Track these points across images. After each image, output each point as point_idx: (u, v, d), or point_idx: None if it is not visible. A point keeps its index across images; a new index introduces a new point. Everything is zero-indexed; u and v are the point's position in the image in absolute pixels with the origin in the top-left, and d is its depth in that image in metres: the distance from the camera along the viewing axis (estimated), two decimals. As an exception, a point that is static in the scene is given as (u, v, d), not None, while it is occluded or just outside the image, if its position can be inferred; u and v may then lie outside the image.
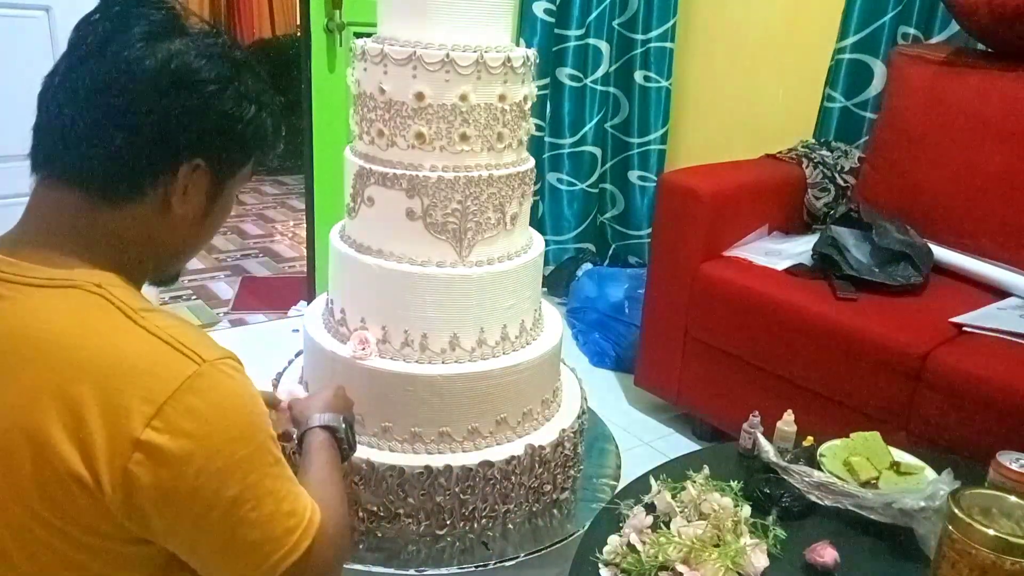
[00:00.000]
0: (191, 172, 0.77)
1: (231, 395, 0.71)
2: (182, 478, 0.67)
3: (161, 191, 0.76)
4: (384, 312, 1.49)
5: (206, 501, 0.69)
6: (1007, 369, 1.49)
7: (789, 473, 1.23)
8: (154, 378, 0.67)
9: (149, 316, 0.71)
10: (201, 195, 0.79)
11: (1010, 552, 0.87)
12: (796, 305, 1.80)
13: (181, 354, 0.69)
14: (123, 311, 0.71)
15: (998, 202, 1.91)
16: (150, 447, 0.66)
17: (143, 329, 0.70)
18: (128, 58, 0.73)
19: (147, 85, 0.73)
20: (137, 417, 0.65)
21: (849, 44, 2.35)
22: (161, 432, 0.66)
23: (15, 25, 1.92)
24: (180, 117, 0.74)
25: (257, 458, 0.72)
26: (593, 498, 1.61)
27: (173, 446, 0.66)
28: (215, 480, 0.69)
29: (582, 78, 3.01)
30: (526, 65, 1.46)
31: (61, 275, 0.72)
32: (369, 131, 1.47)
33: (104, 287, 0.72)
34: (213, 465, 0.68)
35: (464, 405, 1.48)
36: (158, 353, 0.69)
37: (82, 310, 0.70)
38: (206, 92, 0.75)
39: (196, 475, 0.67)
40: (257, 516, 0.72)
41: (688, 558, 1.03)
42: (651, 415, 2.30)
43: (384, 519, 1.45)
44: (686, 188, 2.03)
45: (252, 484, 0.71)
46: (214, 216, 0.83)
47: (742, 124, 2.82)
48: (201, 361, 0.69)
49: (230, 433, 0.69)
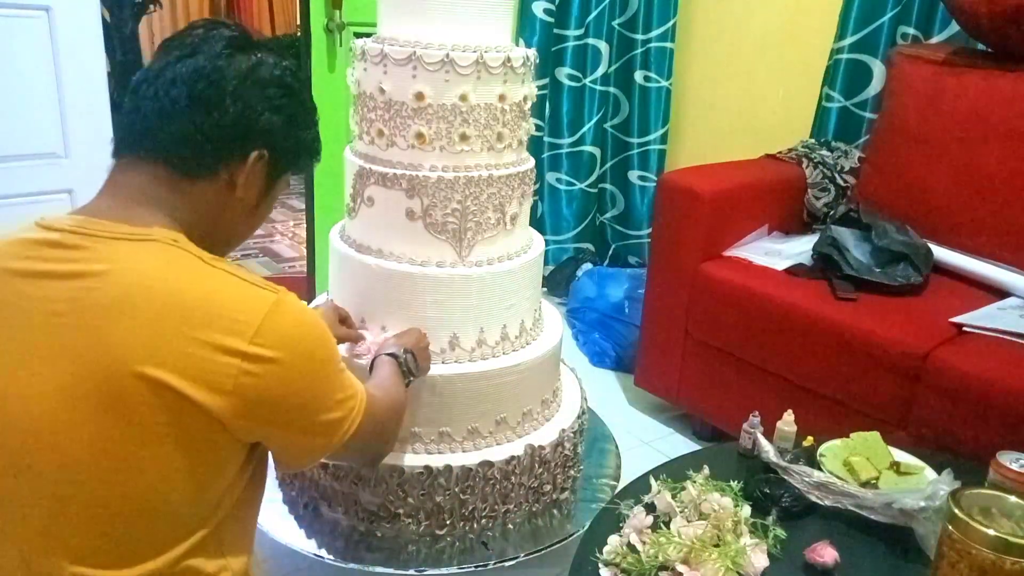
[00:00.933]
0: (258, 160, 0.89)
1: (305, 315, 0.87)
2: (283, 377, 0.83)
3: (230, 173, 0.89)
4: (384, 312, 1.49)
5: (301, 393, 0.86)
6: (1007, 369, 1.49)
7: (789, 473, 1.23)
8: (247, 308, 0.81)
9: (220, 263, 0.84)
10: (259, 185, 0.92)
11: (1010, 552, 0.87)
12: (796, 305, 1.80)
13: (260, 288, 0.83)
14: (201, 258, 0.83)
15: (998, 202, 1.91)
16: (256, 356, 0.79)
17: (222, 271, 0.83)
18: (218, 57, 0.87)
19: (234, 80, 0.87)
20: (241, 338, 0.79)
21: (848, 44, 2.35)
22: (262, 346, 0.80)
23: (15, 25, 1.92)
24: (258, 110, 0.88)
25: (331, 359, 0.91)
26: (593, 498, 1.61)
27: (273, 354, 0.81)
28: (307, 377, 0.86)
29: (581, 78, 3.01)
30: (526, 65, 1.46)
31: (140, 231, 0.82)
32: (369, 131, 1.47)
33: (179, 241, 0.84)
34: (304, 365, 0.85)
35: (464, 405, 1.48)
36: (242, 289, 0.83)
37: (167, 259, 0.81)
38: (278, 94, 0.90)
39: (292, 375, 0.84)
40: (334, 401, 0.92)
41: (688, 558, 1.03)
42: (651, 415, 2.30)
43: (384, 519, 1.45)
44: (686, 188, 2.03)
45: (330, 376, 0.91)
46: (263, 208, 0.96)
47: (742, 124, 2.82)
48: (275, 292, 0.84)
49: (311, 343, 0.87)
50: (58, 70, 1.98)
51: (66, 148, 2.03)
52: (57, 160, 2.03)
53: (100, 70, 2.06)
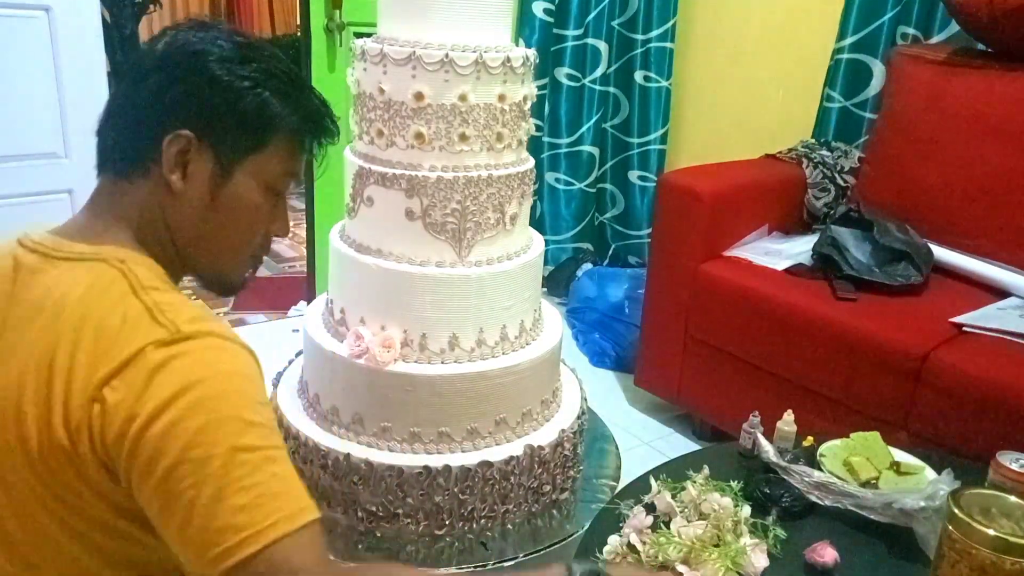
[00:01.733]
0: (184, 146, 0.78)
1: (198, 362, 0.68)
2: (128, 434, 0.66)
3: (161, 165, 0.78)
4: (383, 312, 1.49)
5: (146, 462, 0.66)
6: (1007, 369, 1.49)
7: (789, 473, 1.23)
8: (122, 339, 0.68)
9: (155, 293, 0.73)
10: (204, 176, 0.80)
11: (1010, 552, 0.87)
12: (796, 305, 1.80)
13: (156, 322, 0.69)
14: (131, 283, 0.73)
15: (998, 202, 1.90)
16: (105, 403, 0.66)
17: (139, 301, 0.71)
18: (144, 48, 0.81)
19: (145, 61, 0.80)
20: (99, 373, 0.67)
21: (848, 44, 2.34)
22: (116, 390, 0.66)
23: (15, 25, 1.92)
24: (165, 85, 0.77)
25: (211, 434, 0.66)
26: (593, 498, 1.61)
27: (123, 404, 0.66)
28: (155, 442, 0.66)
29: (580, 78, 3.00)
30: (525, 65, 1.46)
31: (91, 250, 0.76)
32: (369, 131, 1.47)
33: (127, 263, 0.75)
34: (155, 427, 0.65)
35: (463, 405, 1.48)
36: (136, 318, 0.70)
37: (94, 280, 0.73)
38: (196, 63, 0.78)
39: (138, 433, 0.66)
40: (196, 497, 0.65)
41: (688, 558, 1.03)
42: (651, 415, 2.30)
43: (383, 519, 1.45)
44: (686, 188, 2.03)
45: (195, 459, 0.65)
46: (226, 204, 0.81)
47: (742, 124, 2.81)
48: (176, 331, 0.69)
49: (182, 398, 0.66)
50: (58, 70, 1.98)
51: (66, 148, 2.03)
52: (57, 160, 2.03)
53: (100, 70, 2.06)
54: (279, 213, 0.88)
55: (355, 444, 1.48)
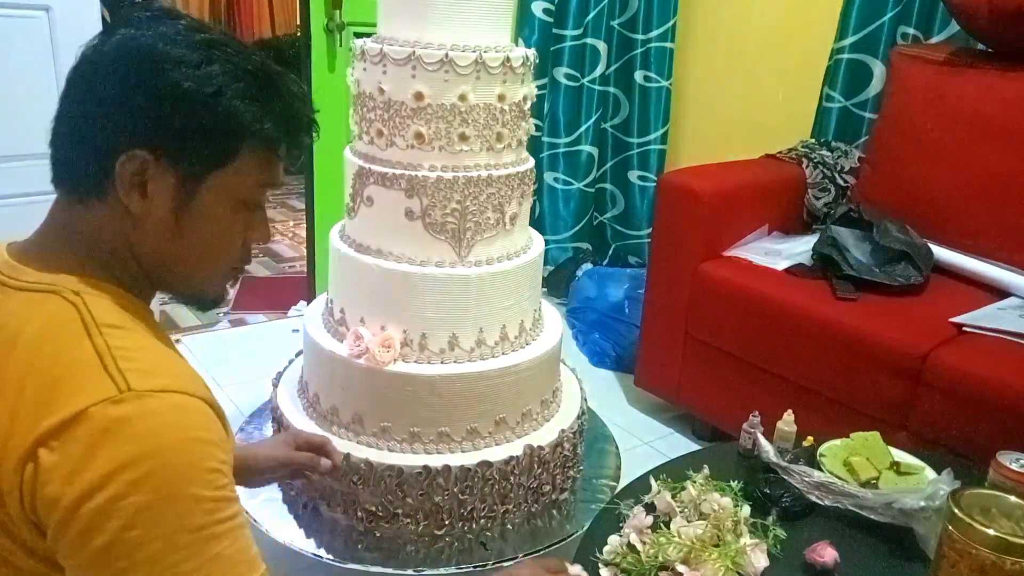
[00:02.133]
0: (139, 167, 0.69)
1: (145, 431, 0.62)
2: (60, 503, 0.60)
3: (114, 186, 0.70)
4: (383, 312, 1.49)
5: (77, 537, 0.61)
6: (1007, 369, 1.49)
7: (789, 473, 1.22)
8: (66, 391, 0.62)
9: (111, 333, 0.66)
10: (167, 196, 0.71)
11: (1010, 552, 0.87)
12: (796, 305, 1.80)
13: (108, 376, 0.63)
14: (84, 322, 0.66)
15: (998, 202, 1.90)
16: (37, 464, 0.61)
17: (91, 344, 0.65)
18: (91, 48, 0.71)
19: (91, 68, 0.70)
20: (36, 431, 0.61)
21: (848, 44, 2.34)
22: (53, 452, 0.60)
23: (15, 25, 1.92)
24: (117, 97, 0.68)
25: (150, 515, 0.61)
26: (593, 499, 1.61)
27: (60, 470, 0.60)
28: (90, 517, 0.60)
29: (579, 78, 3.00)
30: (525, 65, 1.46)
31: (46, 280, 0.69)
32: (368, 131, 1.47)
33: (82, 295, 0.68)
34: (92, 501, 0.60)
35: (463, 405, 1.48)
36: (86, 370, 0.63)
37: (45, 317, 0.67)
38: (145, 70, 0.69)
39: (72, 505, 0.60)
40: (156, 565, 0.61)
41: (688, 558, 1.03)
42: (651, 415, 2.30)
43: (383, 519, 1.45)
44: (686, 188, 2.03)
45: (129, 541, 0.60)
46: (193, 223, 0.73)
47: (742, 124, 2.81)
48: (125, 388, 0.62)
49: (124, 473, 0.60)
50: (58, 70, 1.98)
51: (66, 148, 2.03)
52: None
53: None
54: (256, 223, 0.80)
55: (355, 444, 1.48)
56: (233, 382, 2.22)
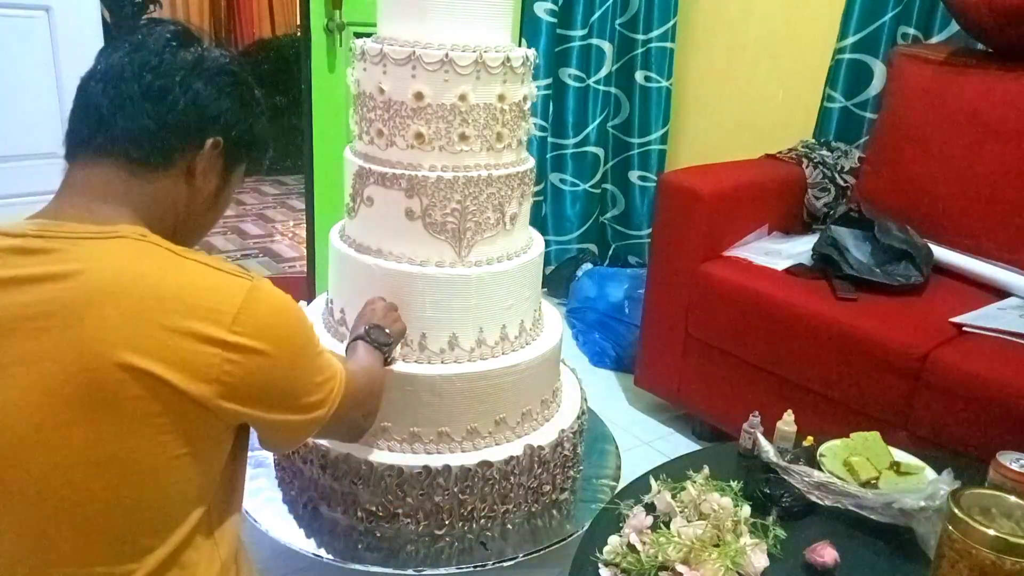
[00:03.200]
0: (213, 148, 0.89)
1: (282, 301, 0.87)
2: (265, 365, 0.83)
3: (186, 163, 0.88)
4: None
5: (283, 379, 0.88)
6: (1007, 369, 1.49)
7: (789, 473, 1.23)
8: (223, 296, 0.80)
9: (191, 253, 0.84)
10: (216, 174, 0.92)
11: (1010, 552, 0.87)
12: (796, 305, 1.80)
13: (233, 276, 0.83)
14: (172, 250, 0.82)
15: (998, 202, 1.90)
16: (237, 345, 0.79)
17: (194, 261, 0.82)
18: (165, 50, 0.87)
19: (181, 69, 0.87)
20: (220, 326, 0.79)
21: (849, 44, 2.35)
22: (241, 334, 0.80)
23: (15, 25, 1.92)
24: (207, 97, 0.88)
25: (310, 343, 0.93)
26: (593, 498, 1.61)
27: (254, 343, 0.81)
28: (288, 363, 0.87)
29: (585, 78, 3.00)
30: (525, 65, 1.46)
31: (106, 229, 0.81)
32: (368, 131, 1.47)
33: (148, 236, 0.83)
34: (285, 352, 0.86)
35: (463, 405, 1.48)
36: (217, 278, 0.82)
37: (138, 253, 0.81)
38: (225, 81, 0.90)
39: (273, 362, 0.84)
40: (314, 384, 0.94)
41: (688, 558, 1.03)
42: (651, 415, 2.30)
43: (383, 519, 1.45)
44: (686, 188, 2.03)
45: (310, 360, 0.93)
46: (222, 201, 0.96)
47: (742, 124, 2.82)
48: (251, 279, 0.84)
49: (289, 329, 0.87)
50: (58, 70, 1.98)
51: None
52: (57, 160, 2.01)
53: (100, 70, 2.06)
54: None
55: (355, 444, 1.48)
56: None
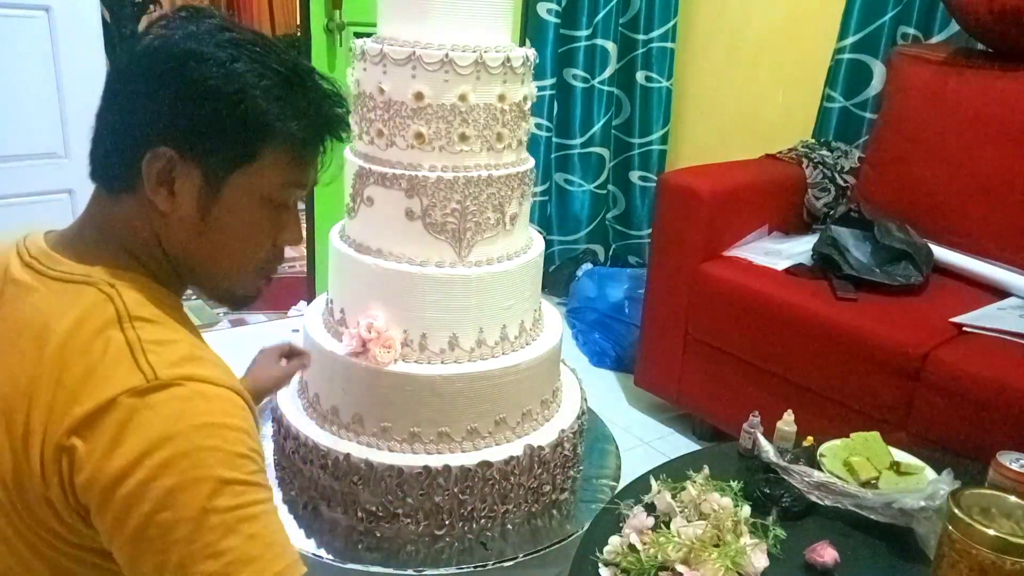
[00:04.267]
0: (166, 164, 0.71)
1: (171, 416, 0.63)
2: (94, 488, 0.63)
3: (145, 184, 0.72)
4: (383, 312, 1.48)
5: (114, 520, 0.63)
6: (1007, 369, 1.49)
7: (789, 473, 1.23)
8: (97, 380, 0.64)
9: (143, 326, 0.67)
10: (192, 193, 0.73)
11: (1010, 552, 0.87)
12: (796, 305, 1.80)
13: (135, 365, 0.64)
14: (118, 313, 0.68)
15: (998, 202, 1.90)
16: (72, 453, 0.63)
17: (123, 335, 0.66)
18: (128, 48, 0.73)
19: (125, 66, 0.72)
20: (68, 420, 0.63)
21: (849, 44, 2.35)
22: (86, 440, 0.62)
23: (15, 25, 1.92)
24: (145, 94, 0.70)
25: (181, 496, 0.62)
26: (593, 498, 1.60)
27: (92, 456, 0.62)
28: (123, 501, 0.62)
29: (590, 79, 2.99)
30: (526, 65, 1.46)
31: (81, 271, 0.71)
32: (368, 131, 1.47)
33: (117, 287, 0.70)
34: (124, 487, 0.61)
35: (463, 405, 1.48)
36: (116, 361, 0.65)
37: (81, 309, 0.68)
38: (168, 68, 0.70)
39: (107, 489, 0.62)
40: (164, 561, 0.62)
41: (688, 558, 1.03)
42: (651, 415, 2.30)
43: (383, 519, 1.45)
44: (686, 188, 2.03)
45: (162, 523, 0.62)
46: (219, 220, 0.74)
47: (742, 124, 2.82)
48: (152, 377, 0.64)
49: (153, 457, 0.62)
50: (58, 70, 1.98)
51: (66, 148, 2.03)
52: (57, 160, 2.03)
53: (100, 70, 2.07)
54: (286, 223, 0.80)
55: (355, 444, 1.48)
56: (233, 382, 2.21)
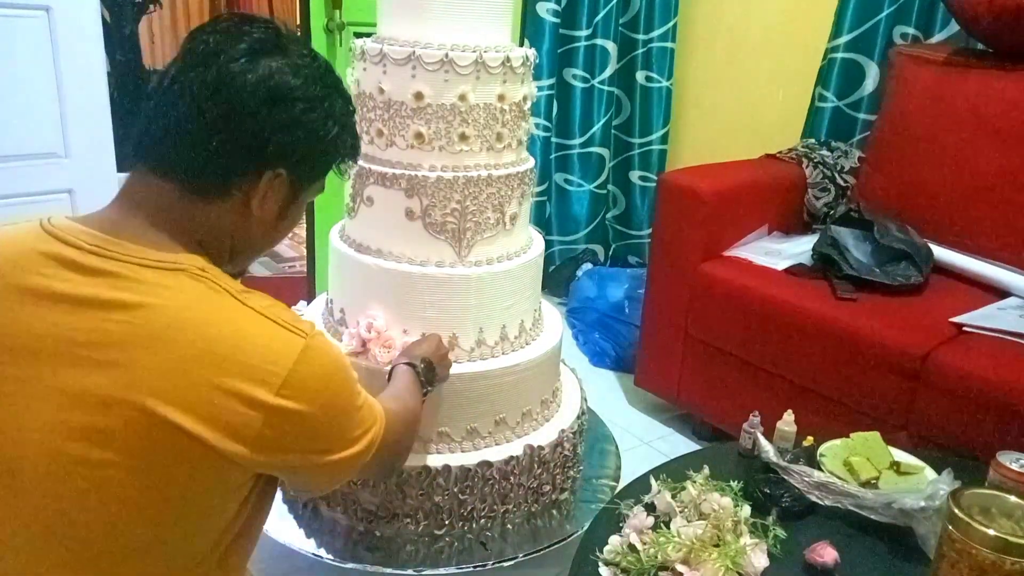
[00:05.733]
0: (273, 179, 0.85)
1: (333, 360, 0.84)
2: (305, 425, 0.81)
3: (244, 192, 0.84)
4: (383, 312, 1.48)
5: (326, 436, 0.86)
6: (1007, 369, 1.49)
7: (789, 473, 1.22)
8: (275, 355, 0.77)
9: (249, 297, 0.81)
10: (278, 201, 0.88)
11: (1010, 552, 0.87)
12: (796, 305, 1.80)
13: (288, 331, 0.80)
14: (231, 293, 0.79)
15: (998, 202, 1.90)
16: (280, 409, 0.77)
17: (251, 310, 0.79)
18: (232, 70, 0.81)
19: (247, 96, 0.81)
20: (267, 388, 0.76)
21: (842, 43, 2.34)
22: (288, 398, 0.77)
23: (15, 25, 1.92)
24: (271, 129, 0.82)
25: (352, 401, 0.90)
26: (593, 498, 1.61)
27: (298, 406, 0.78)
28: (329, 422, 0.85)
29: (590, 79, 2.99)
30: (525, 65, 1.46)
31: (169, 258, 0.78)
32: (368, 131, 1.47)
33: (207, 271, 0.80)
34: (327, 413, 0.83)
35: (463, 405, 1.48)
36: (272, 331, 0.79)
37: (198, 295, 0.78)
38: (297, 109, 0.84)
39: (314, 423, 0.82)
40: (352, 438, 0.90)
41: (688, 558, 1.03)
42: (651, 415, 2.30)
43: (383, 519, 1.45)
44: (686, 188, 2.03)
45: (350, 417, 0.89)
46: (288, 221, 0.92)
47: (742, 124, 2.81)
48: (305, 335, 0.80)
49: (334, 390, 0.84)
50: (58, 70, 1.98)
51: (66, 148, 2.03)
52: (57, 160, 2.03)
53: (100, 70, 2.07)
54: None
55: (355, 444, 1.48)
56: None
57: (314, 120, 0.85)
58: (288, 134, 0.83)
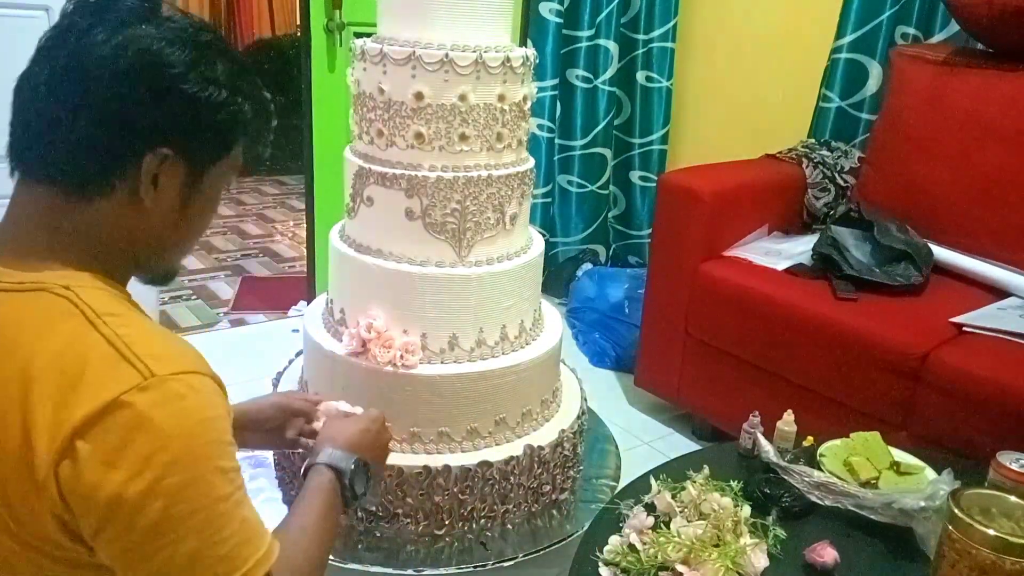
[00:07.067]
0: (159, 163, 0.73)
1: (174, 415, 0.66)
2: (102, 491, 0.64)
3: (128, 183, 0.73)
4: (383, 313, 1.48)
5: (125, 521, 0.65)
6: (1007, 369, 1.49)
7: (789, 473, 1.23)
8: (94, 387, 0.64)
9: (113, 321, 0.68)
10: (175, 187, 0.75)
11: (1010, 552, 0.87)
12: (796, 305, 1.80)
13: (129, 364, 0.65)
14: (85, 315, 0.68)
15: (998, 202, 1.90)
16: (76, 455, 0.63)
17: (100, 335, 0.67)
18: (85, 44, 0.70)
19: (104, 71, 0.70)
20: (69, 424, 0.63)
21: (846, 44, 2.34)
22: (88, 442, 0.63)
23: (15, 25, 1.92)
24: (139, 103, 0.71)
25: (191, 490, 0.66)
26: (593, 498, 1.61)
27: (97, 458, 0.63)
28: (136, 500, 0.64)
29: (592, 79, 2.99)
30: (525, 65, 1.46)
31: (31, 278, 0.70)
32: (368, 131, 1.47)
33: (72, 288, 0.69)
34: (135, 486, 0.64)
35: (463, 405, 1.48)
36: (105, 361, 0.65)
37: (44, 315, 0.68)
38: (166, 75, 0.71)
39: (116, 491, 0.64)
40: (175, 552, 0.66)
41: (688, 558, 1.03)
42: (651, 415, 2.30)
43: (383, 519, 1.45)
44: (686, 188, 2.03)
45: (176, 516, 0.65)
46: (196, 209, 0.79)
47: (742, 124, 2.81)
48: (149, 375, 0.65)
49: (161, 456, 0.64)
50: (58, 70, 1.98)
51: (66, 148, 2.03)
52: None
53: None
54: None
55: (355, 444, 1.48)
56: (233, 382, 2.19)
57: (191, 85, 0.72)
58: (158, 107, 0.71)
